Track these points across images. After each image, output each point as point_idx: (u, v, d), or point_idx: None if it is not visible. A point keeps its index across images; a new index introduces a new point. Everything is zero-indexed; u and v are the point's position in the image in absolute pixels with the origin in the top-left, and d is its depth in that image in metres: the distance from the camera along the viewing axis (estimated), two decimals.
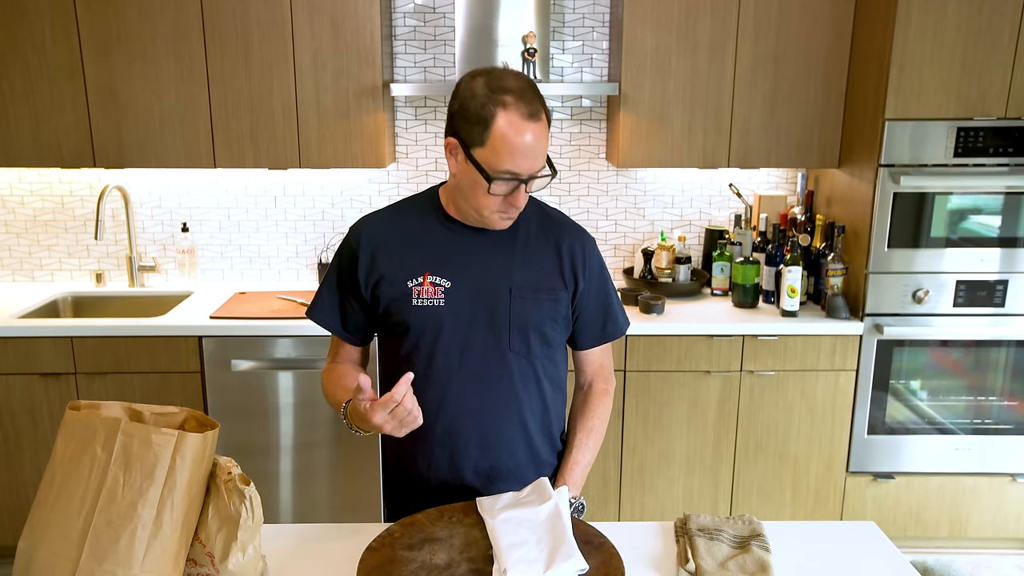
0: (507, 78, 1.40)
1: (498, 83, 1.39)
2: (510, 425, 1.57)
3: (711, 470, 2.98)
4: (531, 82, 1.43)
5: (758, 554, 1.42)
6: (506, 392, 1.55)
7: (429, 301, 1.51)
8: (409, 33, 3.18)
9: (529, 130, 1.37)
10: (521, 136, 1.37)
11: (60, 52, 2.83)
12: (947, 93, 2.70)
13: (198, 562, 1.28)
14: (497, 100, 1.37)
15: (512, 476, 1.58)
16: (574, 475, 1.60)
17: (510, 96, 1.37)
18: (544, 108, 1.41)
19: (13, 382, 2.81)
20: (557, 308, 1.56)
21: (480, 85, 1.39)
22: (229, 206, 3.31)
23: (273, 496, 2.94)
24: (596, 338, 1.66)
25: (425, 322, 1.51)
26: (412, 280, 1.52)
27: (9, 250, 3.32)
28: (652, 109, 2.96)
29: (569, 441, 1.66)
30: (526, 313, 1.52)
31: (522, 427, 1.58)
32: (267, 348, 2.83)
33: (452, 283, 1.51)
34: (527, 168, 1.40)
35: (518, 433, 1.58)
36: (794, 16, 2.89)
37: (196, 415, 1.32)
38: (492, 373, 1.53)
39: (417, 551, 1.32)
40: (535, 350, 1.55)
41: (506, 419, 1.56)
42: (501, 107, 1.36)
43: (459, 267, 1.52)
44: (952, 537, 3.05)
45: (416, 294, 1.51)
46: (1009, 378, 2.93)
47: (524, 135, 1.37)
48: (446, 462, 1.57)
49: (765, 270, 3.06)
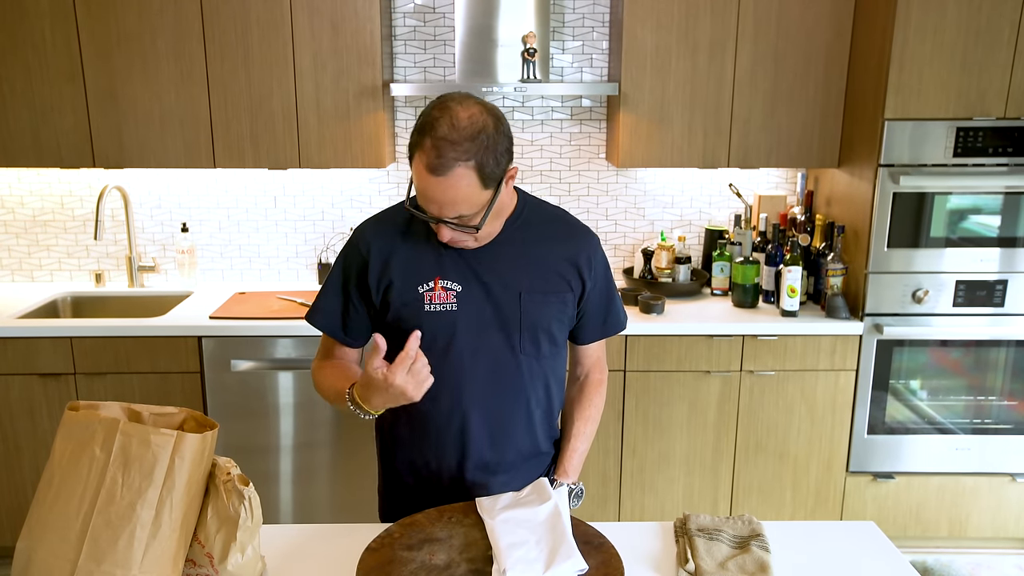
0: (444, 120, 1.33)
1: (432, 122, 1.34)
2: (518, 421, 1.59)
3: (711, 470, 2.98)
4: (465, 129, 1.33)
5: (758, 554, 1.42)
6: (516, 391, 1.57)
7: (442, 306, 1.50)
8: (409, 33, 3.18)
9: (429, 182, 1.34)
10: (423, 183, 1.35)
11: (60, 54, 2.83)
12: (947, 93, 2.70)
13: (197, 563, 1.28)
14: (417, 142, 1.35)
15: (513, 468, 1.61)
16: (572, 462, 1.64)
17: (429, 141, 1.33)
18: (462, 158, 1.32)
19: (12, 382, 2.81)
20: (564, 310, 1.58)
21: (424, 115, 1.37)
22: (229, 206, 3.31)
23: (273, 496, 2.94)
24: (598, 333, 1.69)
25: (438, 327, 1.50)
26: (423, 285, 1.51)
27: (8, 250, 3.32)
28: (652, 109, 2.96)
29: (567, 430, 1.69)
30: (536, 316, 1.54)
31: (528, 423, 1.61)
32: (267, 348, 2.83)
33: (463, 287, 1.51)
34: (434, 212, 1.39)
35: (524, 429, 1.61)
36: (794, 16, 2.89)
37: (195, 415, 1.32)
38: (503, 374, 1.55)
39: (417, 551, 1.32)
40: (544, 350, 1.58)
41: (515, 416, 1.59)
42: (420, 149, 1.35)
43: (468, 272, 1.51)
44: (952, 537, 3.05)
45: (428, 299, 1.50)
46: (1009, 378, 2.93)
47: (425, 184, 1.35)
48: (456, 460, 1.58)
49: (765, 270, 3.05)
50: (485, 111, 1.37)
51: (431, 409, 1.55)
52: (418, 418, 1.58)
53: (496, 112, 1.39)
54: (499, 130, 1.37)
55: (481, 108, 1.37)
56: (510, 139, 1.41)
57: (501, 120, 1.39)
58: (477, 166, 1.34)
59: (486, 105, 1.39)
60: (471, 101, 1.37)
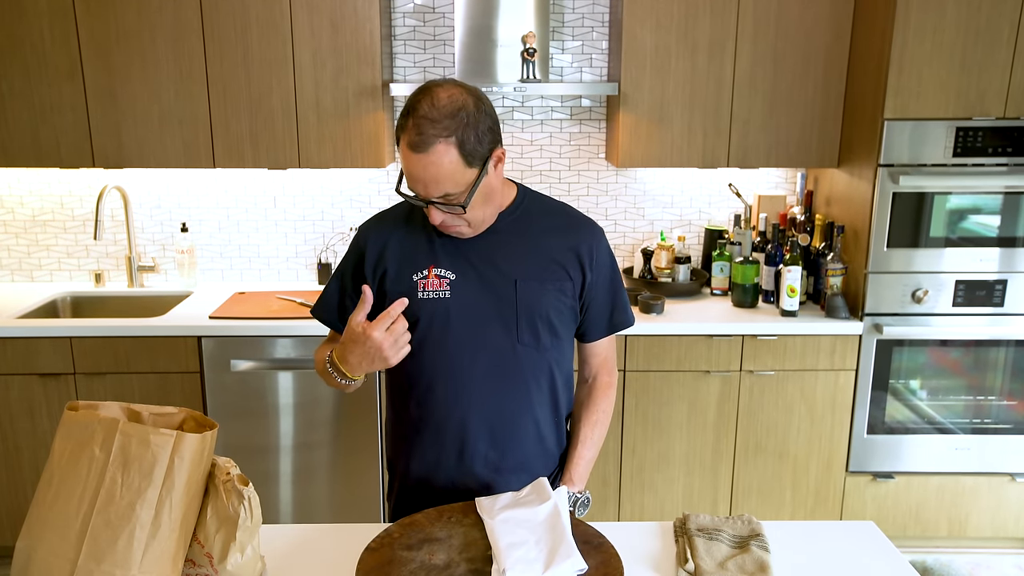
0: (425, 100, 1.37)
1: (414, 103, 1.38)
2: (521, 419, 1.57)
3: (710, 470, 2.98)
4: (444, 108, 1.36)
5: (757, 554, 1.42)
6: (516, 385, 1.55)
7: (435, 293, 1.52)
8: (409, 33, 3.18)
9: (413, 160, 1.38)
10: (408, 163, 1.40)
11: (59, 52, 2.82)
12: (946, 93, 2.70)
13: (197, 563, 1.28)
14: (402, 124, 1.40)
15: (521, 468, 1.59)
16: (579, 469, 1.61)
17: (410, 121, 1.37)
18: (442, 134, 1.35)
19: (12, 382, 2.81)
20: (563, 299, 1.56)
21: (408, 99, 1.41)
22: (228, 206, 3.31)
23: (272, 496, 2.94)
24: (604, 329, 1.65)
25: (432, 314, 1.52)
26: (417, 274, 1.53)
27: (8, 250, 3.32)
28: (652, 109, 2.96)
29: (574, 435, 1.66)
30: (533, 304, 1.53)
31: (533, 421, 1.59)
32: (266, 348, 2.83)
33: (457, 275, 1.52)
34: (421, 192, 1.42)
35: (529, 427, 1.59)
36: (793, 16, 2.89)
37: (195, 415, 1.32)
38: (502, 366, 1.54)
39: (416, 551, 1.32)
40: (544, 342, 1.55)
41: (517, 413, 1.57)
42: (404, 131, 1.39)
43: (463, 261, 1.53)
44: (951, 537, 3.05)
45: (422, 287, 1.52)
46: (1008, 378, 2.93)
47: (410, 163, 1.39)
48: (455, 456, 1.57)
49: (765, 270, 3.06)
50: (466, 92, 1.40)
51: (430, 401, 1.55)
52: (419, 413, 1.58)
53: (478, 93, 1.43)
54: (480, 109, 1.40)
55: (462, 89, 1.41)
56: (494, 120, 1.44)
57: (483, 100, 1.42)
58: (458, 143, 1.37)
59: (467, 87, 1.42)
60: (452, 83, 1.42)
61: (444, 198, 1.41)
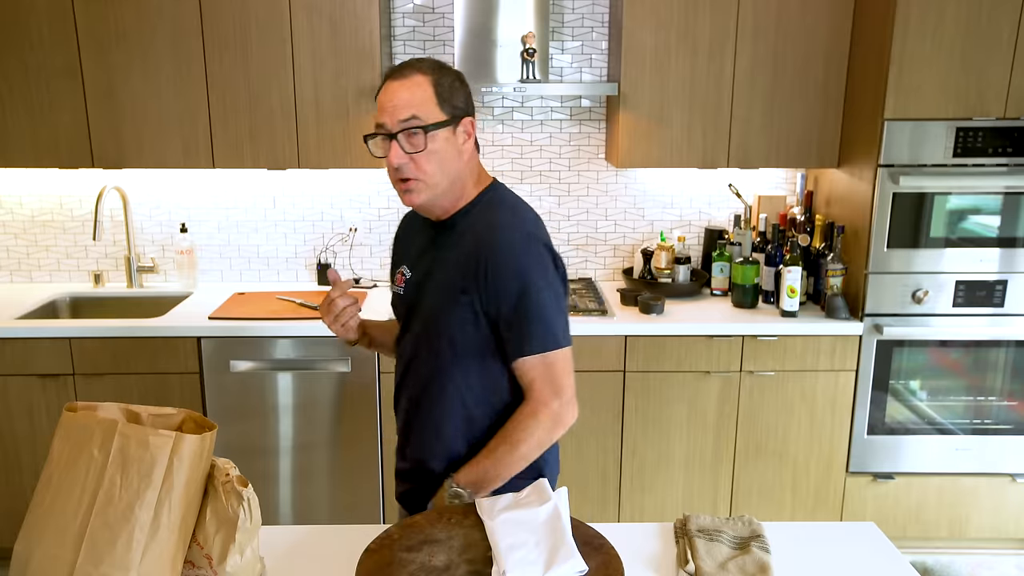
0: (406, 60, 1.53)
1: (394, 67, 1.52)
2: (432, 424, 1.59)
3: (711, 471, 2.98)
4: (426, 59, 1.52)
5: (758, 555, 1.42)
6: (430, 391, 1.57)
7: (398, 289, 1.66)
8: (408, 33, 3.18)
9: (388, 87, 1.48)
10: (383, 94, 1.49)
11: (57, 52, 2.82)
12: (946, 93, 2.69)
13: (196, 564, 1.28)
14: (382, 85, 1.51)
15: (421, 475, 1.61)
16: (468, 468, 1.52)
17: (388, 72, 1.51)
18: (421, 69, 1.48)
19: (11, 383, 2.80)
20: (455, 310, 1.50)
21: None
22: (228, 206, 3.30)
23: (272, 497, 2.93)
24: (514, 351, 1.50)
25: (396, 310, 1.68)
26: (397, 268, 1.69)
27: (7, 251, 3.31)
28: (651, 109, 2.95)
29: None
30: (434, 311, 1.55)
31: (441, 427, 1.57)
32: (266, 349, 2.82)
33: (412, 273, 1.63)
34: (388, 121, 1.46)
35: (443, 433, 1.57)
36: (793, 16, 2.89)
37: (194, 416, 1.32)
38: (421, 368, 1.59)
39: (416, 552, 1.32)
40: (442, 351, 1.53)
41: (431, 418, 1.59)
42: (383, 83, 1.51)
43: (419, 260, 1.63)
44: (952, 537, 3.05)
45: (396, 281, 1.67)
46: (1009, 378, 2.93)
47: (384, 93, 1.48)
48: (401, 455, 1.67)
49: (765, 270, 3.05)
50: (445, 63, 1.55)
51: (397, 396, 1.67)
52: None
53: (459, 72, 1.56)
54: (455, 74, 1.53)
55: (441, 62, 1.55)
56: (468, 89, 1.55)
57: (462, 77, 1.54)
58: (434, 81, 1.48)
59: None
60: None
61: (408, 122, 1.45)
